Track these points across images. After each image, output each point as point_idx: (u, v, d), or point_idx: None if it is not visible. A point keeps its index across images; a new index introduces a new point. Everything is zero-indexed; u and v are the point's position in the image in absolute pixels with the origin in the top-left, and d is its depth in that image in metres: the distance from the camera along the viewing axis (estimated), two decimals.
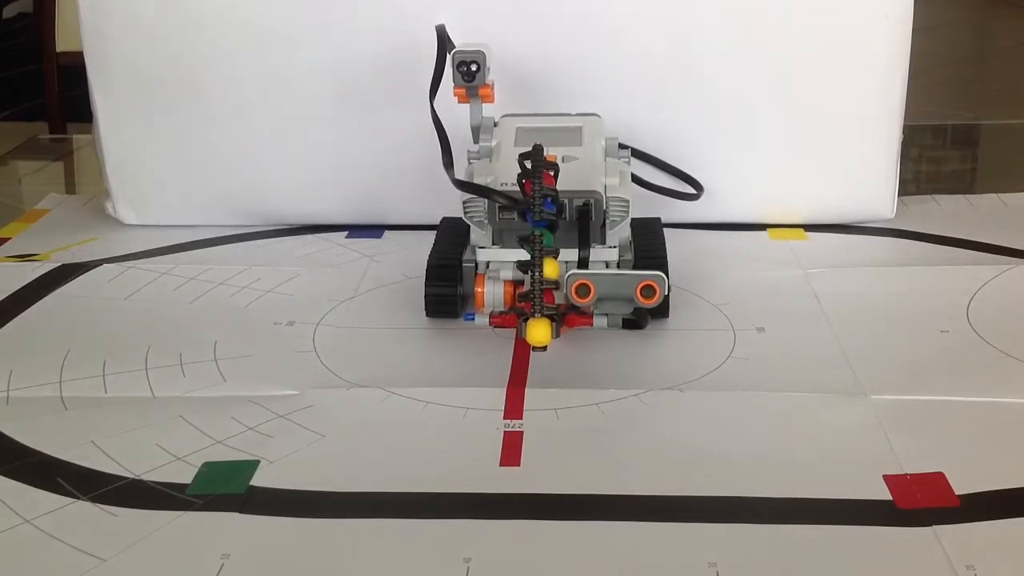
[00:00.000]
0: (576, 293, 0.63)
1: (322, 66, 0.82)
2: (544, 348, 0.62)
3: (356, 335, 0.69)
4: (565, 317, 0.65)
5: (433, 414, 0.59)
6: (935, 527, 0.49)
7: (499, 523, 0.50)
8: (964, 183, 1.08)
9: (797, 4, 0.81)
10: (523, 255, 0.63)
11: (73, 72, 1.18)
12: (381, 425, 0.59)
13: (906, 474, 0.53)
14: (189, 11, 0.82)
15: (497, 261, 0.68)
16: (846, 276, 0.76)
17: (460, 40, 0.76)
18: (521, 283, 0.67)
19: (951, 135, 1.28)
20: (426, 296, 0.69)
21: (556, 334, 0.62)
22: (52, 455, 0.56)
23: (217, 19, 0.82)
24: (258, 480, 0.53)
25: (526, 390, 0.61)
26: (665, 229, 0.74)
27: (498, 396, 0.61)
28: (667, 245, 0.72)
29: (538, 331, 0.61)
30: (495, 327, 0.66)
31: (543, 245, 0.62)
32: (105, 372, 0.64)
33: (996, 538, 0.49)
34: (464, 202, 0.69)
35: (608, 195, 0.68)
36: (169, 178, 0.86)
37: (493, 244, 0.69)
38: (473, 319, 0.66)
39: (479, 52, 0.71)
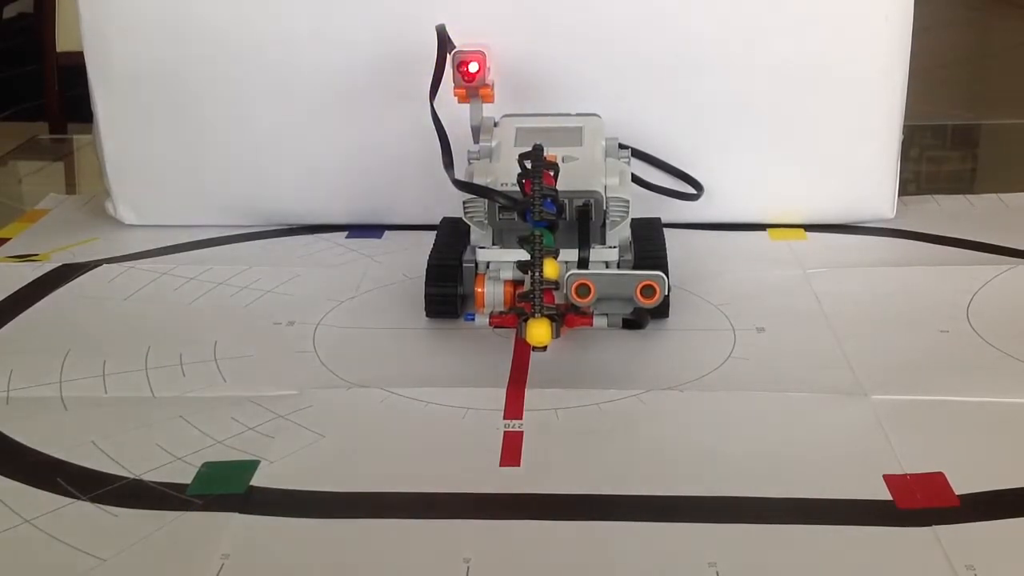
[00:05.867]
0: (576, 293, 0.63)
1: (322, 65, 0.82)
2: (544, 348, 0.62)
3: (356, 335, 0.69)
4: (565, 317, 0.65)
5: (433, 414, 0.59)
6: (935, 527, 0.49)
7: (499, 523, 0.50)
8: (964, 183, 1.08)
9: (797, 5, 0.81)
10: (523, 255, 0.63)
11: (73, 72, 1.18)
12: (381, 425, 0.59)
13: (906, 474, 0.53)
14: (189, 11, 0.82)
15: (497, 261, 0.68)
16: (846, 276, 0.76)
17: (460, 40, 0.76)
18: (521, 283, 0.67)
19: (951, 135, 1.28)
20: (426, 296, 0.69)
21: (556, 334, 0.62)
22: (52, 455, 0.56)
23: (217, 19, 0.82)
24: (258, 480, 0.53)
25: (526, 390, 0.61)
26: (665, 229, 0.74)
27: (498, 396, 0.61)
28: (667, 245, 0.72)
29: (538, 331, 0.61)
30: (495, 327, 0.66)
31: (543, 245, 0.62)
32: (105, 372, 0.64)
33: (996, 538, 0.49)
34: (464, 202, 0.69)
35: (608, 195, 0.68)
36: (169, 178, 0.86)
37: (493, 244, 0.69)
38: (473, 319, 0.66)
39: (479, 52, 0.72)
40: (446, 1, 0.79)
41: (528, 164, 0.63)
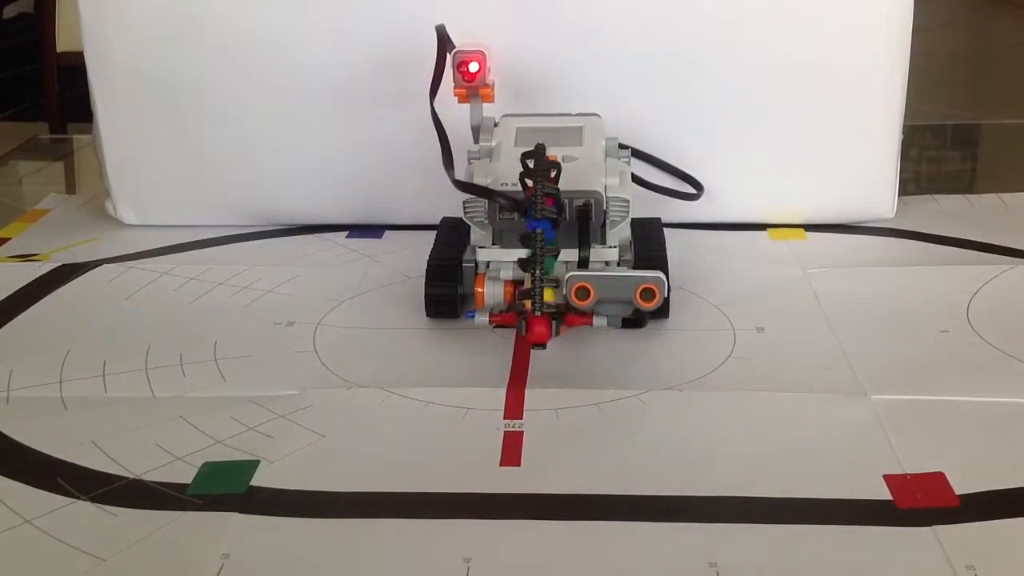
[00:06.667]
0: (576, 296, 0.63)
1: (322, 66, 0.82)
2: (543, 346, 0.62)
3: (356, 335, 0.69)
4: (565, 316, 0.65)
5: (433, 414, 0.59)
6: (935, 527, 0.49)
7: (499, 523, 0.50)
8: (964, 183, 1.08)
9: (797, 5, 0.81)
10: (523, 254, 0.63)
11: (73, 72, 1.18)
12: (381, 425, 0.59)
13: (906, 474, 0.53)
14: (189, 11, 0.82)
15: (497, 261, 0.68)
16: (846, 276, 0.76)
17: (460, 40, 0.76)
18: (521, 282, 0.67)
19: (951, 135, 1.28)
20: (426, 296, 0.69)
21: (556, 332, 0.63)
22: (52, 455, 0.56)
23: (217, 19, 0.82)
24: (258, 480, 0.53)
25: (526, 390, 0.61)
26: (665, 229, 0.74)
27: (498, 396, 0.61)
28: (667, 245, 0.72)
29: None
30: (495, 325, 0.66)
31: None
32: (105, 372, 0.64)
33: (996, 538, 0.49)
34: (464, 202, 0.69)
35: (608, 195, 0.68)
36: (169, 178, 0.86)
37: (493, 244, 0.69)
38: (473, 316, 0.66)
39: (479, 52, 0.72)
40: (446, 1, 0.79)
41: (530, 163, 0.63)
